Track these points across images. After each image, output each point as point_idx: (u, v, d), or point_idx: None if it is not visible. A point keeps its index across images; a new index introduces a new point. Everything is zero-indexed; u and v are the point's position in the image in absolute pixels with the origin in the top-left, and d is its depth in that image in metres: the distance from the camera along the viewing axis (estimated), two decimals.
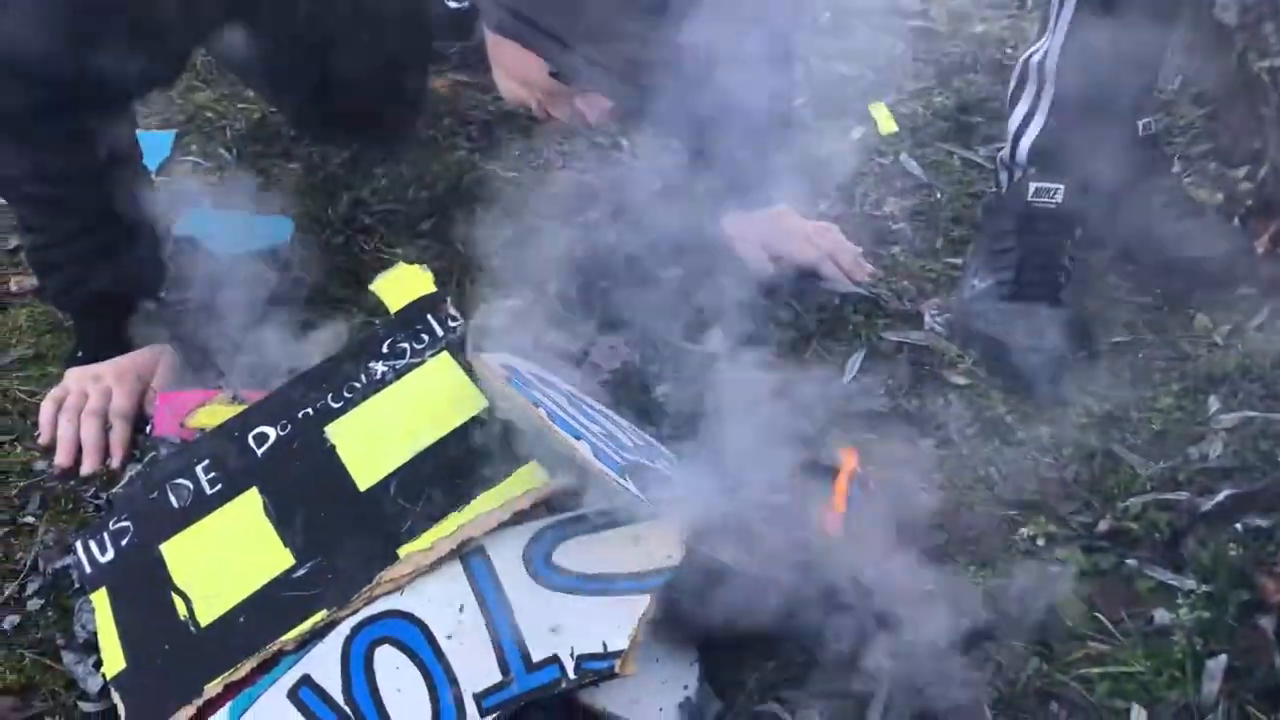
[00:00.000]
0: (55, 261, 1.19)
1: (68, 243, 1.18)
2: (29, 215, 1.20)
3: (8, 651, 0.98)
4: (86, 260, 1.19)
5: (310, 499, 0.97)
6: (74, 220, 1.18)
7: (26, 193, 1.17)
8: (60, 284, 1.21)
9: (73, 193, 1.17)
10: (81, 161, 1.15)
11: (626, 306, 1.37)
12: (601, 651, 0.83)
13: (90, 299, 1.21)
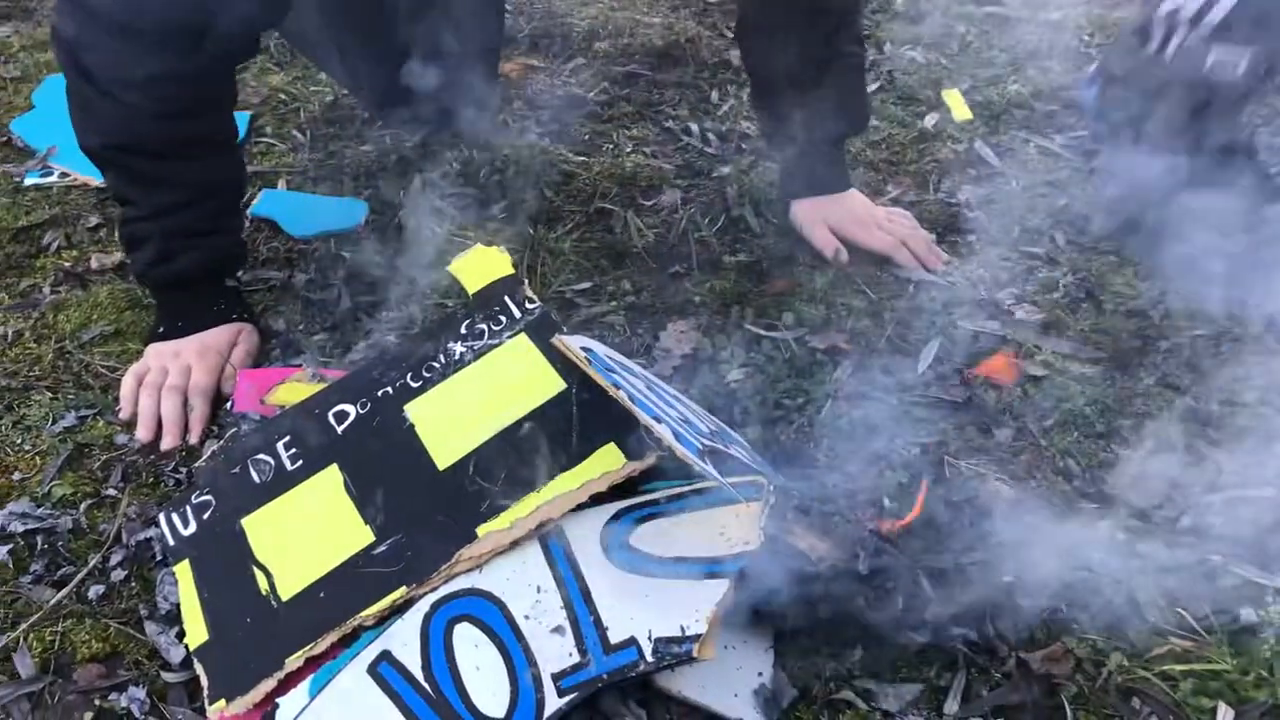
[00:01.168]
0: (146, 236, 1.21)
1: (161, 217, 1.19)
2: (126, 188, 1.20)
3: (93, 621, 0.99)
4: (178, 237, 1.21)
5: (390, 477, 0.98)
6: (170, 195, 1.19)
7: (126, 165, 1.18)
8: (150, 259, 1.22)
9: (173, 168, 1.18)
10: (185, 135, 1.17)
11: (696, 292, 1.37)
12: (679, 635, 0.83)
13: (178, 275, 1.23)
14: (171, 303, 1.26)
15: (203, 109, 1.20)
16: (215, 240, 1.24)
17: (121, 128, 1.15)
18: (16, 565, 1.04)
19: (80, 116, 1.16)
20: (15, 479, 1.14)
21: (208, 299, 1.26)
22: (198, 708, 0.92)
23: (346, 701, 0.84)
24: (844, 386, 1.20)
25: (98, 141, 1.16)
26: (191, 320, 1.25)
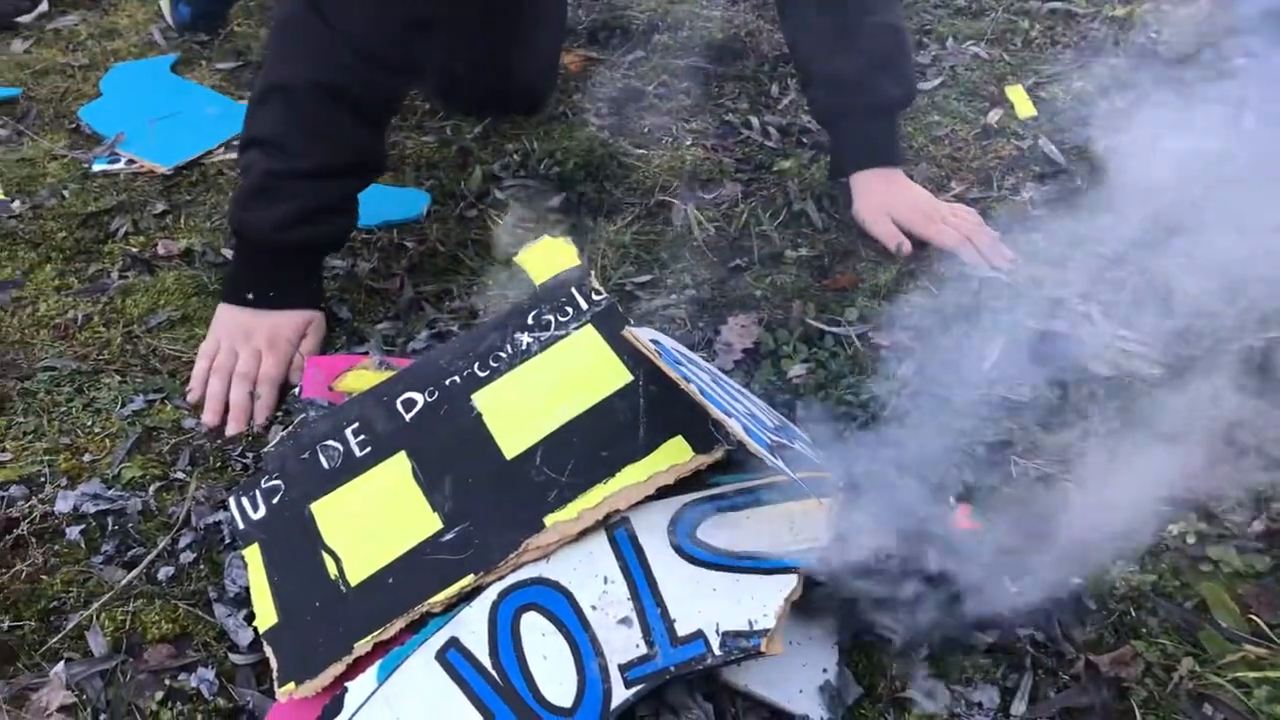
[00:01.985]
0: (287, 193, 1.21)
1: (310, 178, 1.21)
2: (286, 135, 1.20)
3: (163, 602, 1.01)
4: (316, 209, 1.22)
5: (457, 465, 0.98)
6: (330, 158, 1.21)
7: (314, 110, 1.19)
8: (278, 217, 1.21)
9: (348, 128, 1.21)
10: (378, 93, 1.22)
11: (757, 286, 1.36)
12: (747, 630, 0.83)
13: (295, 243, 1.24)
14: (268, 267, 1.26)
15: (402, 71, 1.24)
16: (342, 221, 1.27)
17: (337, 67, 1.17)
18: (88, 545, 1.06)
19: (294, 48, 1.20)
20: (86, 460, 1.16)
21: (304, 275, 1.28)
22: (266, 690, 0.93)
23: (415, 687, 0.84)
24: (908, 384, 1.19)
25: (307, 76, 1.18)
26: (279, 290, 1.25)
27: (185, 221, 1.55)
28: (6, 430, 1.20)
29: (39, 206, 1.58)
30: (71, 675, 0.94)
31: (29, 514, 1.08)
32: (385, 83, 1.22)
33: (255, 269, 1.28)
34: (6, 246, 1.50)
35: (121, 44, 2.06)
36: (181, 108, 1.81)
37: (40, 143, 1.75)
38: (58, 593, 1.02)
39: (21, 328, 1.35)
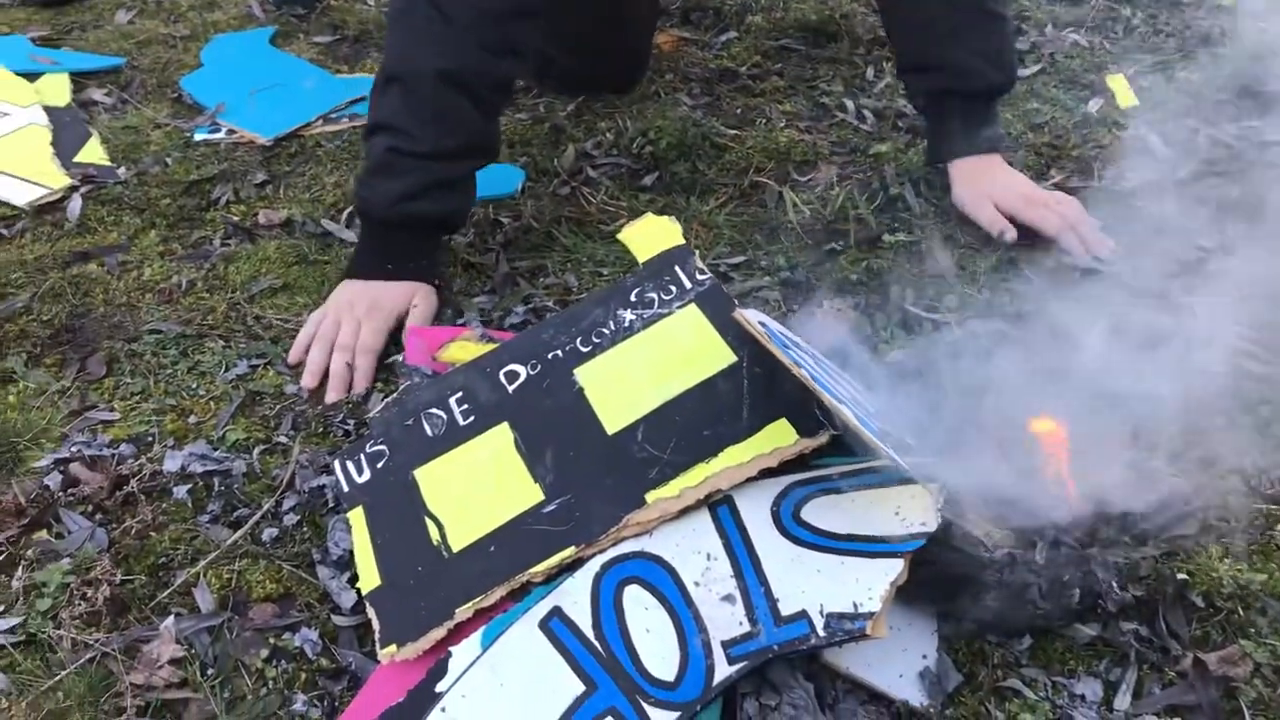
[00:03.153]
0: (406, 169, 1.23)
1: (429, 159, 1.23)
2: (408, 119, 1.23)
3: (267, 562, 1.03)
4: (434, 181, 1.25)
5: (559, 438, 0.99)
6: (449, 140, 1.24)
7: (433, 92, 1.22)
8: (398, 191, 1.24)
9: (468, 113, 1.24)
10: (497, 79, 1.25)
11: (854, 270, 1.35)
12: (852, 612, 0.83)
13: (418, 217, 1.26)
14: (386, 240, 1.29)
15: (512, 56, 1.26)
16: (460, 198, 1.29)
17: (454, 54, 1.21)
18: (195, 504, 1.09)
19: (412, 38, 1.23)
20: (191, 422, 1.18)
21: (418, 251, 1.30)
22: (367, 652, 0.94)
23: (518, 654, 0.85)
24: (1009, 373, 1.18)
25: (426, 65, 1.21)
26: (396, 263, 1.28)
27: (285, 192, 1.58)
28: (115, 390, 1.23)
29: (144, 173, 1.62)
30: (181, 629, 0.96)
31: (138, 472, 1.11)
32: (498, 69, 1.25)
33: (373, 243, 1.32)
34: (113, 212, 1.54)
35: (221, 16, 2.10)
36: (280, 80, 1.84)
37: (144, 111, 1.79)
38: (166, 549, 1.04)
39: (128, 291, 1.38)
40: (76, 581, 1.00)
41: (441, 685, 0.86)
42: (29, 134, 1.70)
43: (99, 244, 1.47)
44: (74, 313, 1.34)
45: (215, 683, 0.92)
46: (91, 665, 0.93)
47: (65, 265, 1.42)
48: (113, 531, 1.06)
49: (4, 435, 1.15)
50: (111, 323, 1.32)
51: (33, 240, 1.48)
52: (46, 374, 1.25)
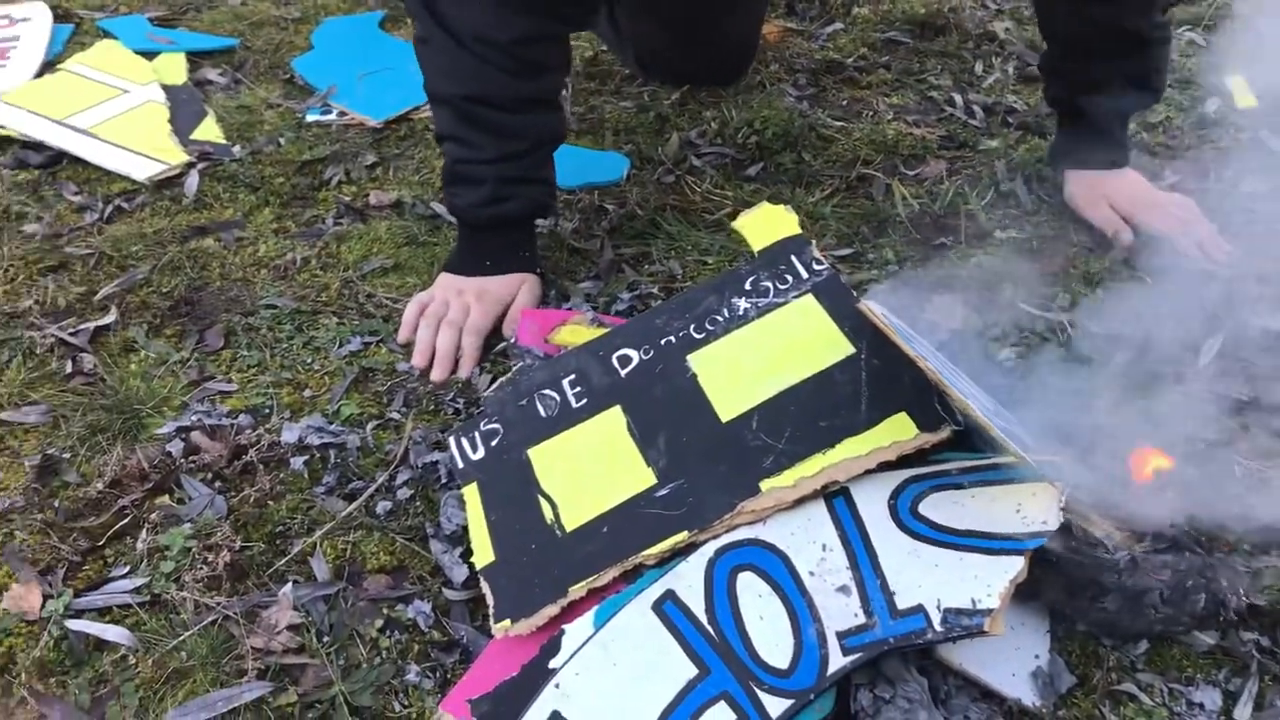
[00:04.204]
0: (479, 178, 1.25)
1: (500, 163, 1.24)
2: (468, 133, 1.24)
3: (381, 535, 1.05)
4: (512, 183, 1.26)
5: (672, 423, 0.99)
6: (511, 144, 1.24)
7: (475, 114, 1.23)
8: (477, 199, 1.26)
9: (515, 120, 1.23)
10: (530, 93, 1.23)
11: (965, 265, 1.34)
12: (970, 608, 0.82)
13: (503, 217, 1.27)
14: (481, 241, 1.30)
15: (548, 73, 1.25)
16: (539, 188, 1.29)
17: (477, 80, 1.20)
18: (311, 475, 1.11)
19: (433, 64, 1.23)
20: (306, 395, 1.21)
21: (514, 244, 1.31)
22: (479, 626, 0.96)
23: (631, 635, 0.86)
24: (1122, 374, 1.16)
25: (455, 91, 1.22)
26: (494, 260, 1.29)
27: (394, 174, 1.61)
28: (232, 362, 1.26)
29: (258, 152, 1.66)
30: (298, 597, 0.98)
31: (257, 442, 1.14)
32: (524, 88, 1.23)
33: (470, 242, 1.33)
34: (229, 189, 1.57)
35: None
36: (389, 64, 1.87)
37: (257, 91, 1.83)
38: (283, 518, 1.07)
39: (244, 266, 1.41)
40: (198, 546, 1.03)
41: (555, 662, 0.87)
42: (147, 111, 1.74)
43: (215, 219, 1.51)
44: (192, 285, 1.38)
45: (331, 650, 0.94)
46: (213, 627, 0.96)
47: (183, 239, 1.46)
48: (232, 499, 1.08)
49: (128, 402, 1.19)
50: (228, 296, 1.36)
51: (152, 214, 1.52)
52: (166, 344, 1.28)
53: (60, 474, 1.12)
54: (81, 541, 1.05)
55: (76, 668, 0.94)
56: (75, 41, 2.00)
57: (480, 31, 1.18)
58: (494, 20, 1.17)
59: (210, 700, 0.90)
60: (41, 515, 1.07)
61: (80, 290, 1.37)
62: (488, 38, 1.18)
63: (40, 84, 1.83)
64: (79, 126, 1.69)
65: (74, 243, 1.46)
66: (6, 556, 1.03)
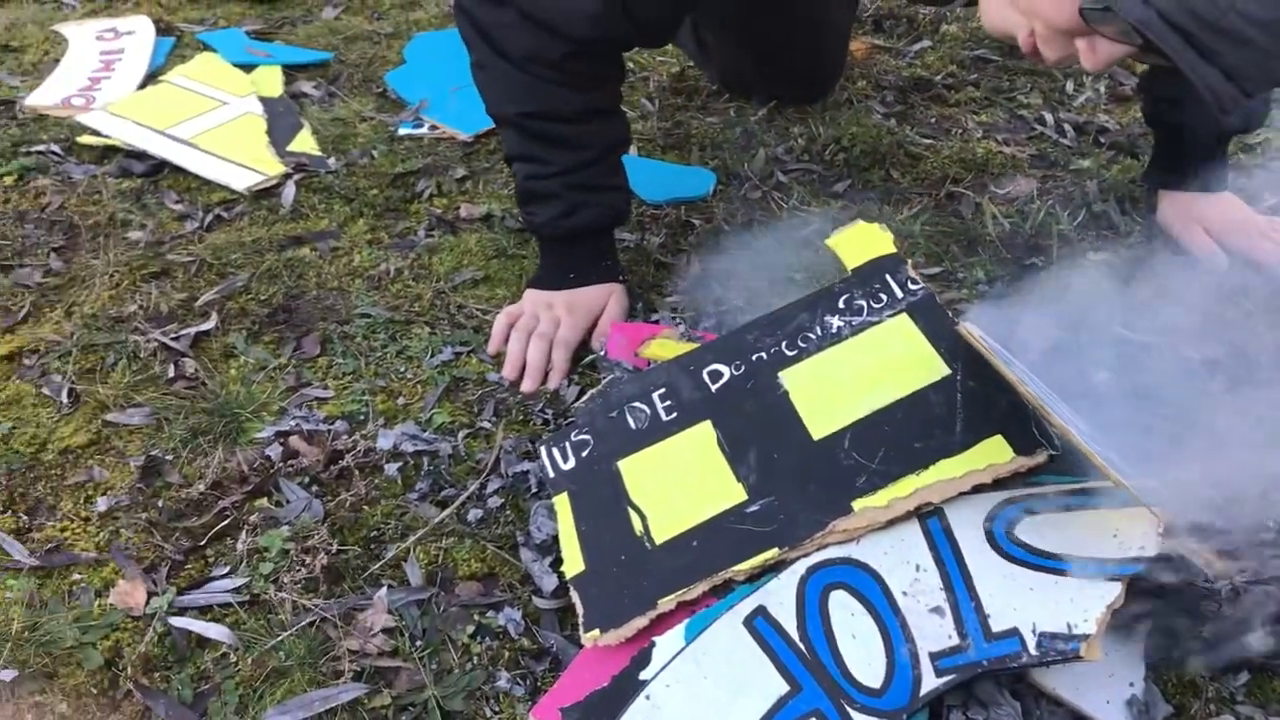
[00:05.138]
0: (551, 193, 1.27)
1: (567, 175, 1.26)
2: (532, 149, 1.27)
3: (472, 542, 1.07)
4: (582, 192, 1.27)
5: (763, 439, 1.00)
6: (576, 156, 1.26)
7: (536, 129, 1.25)
8: (553, 214, 1.28)
9: (577, 131, 1.25)
10: (589, 105, 1.24)
11: (1057, 285, 1.32)
12: (1065, 633, 0.82)
13: (578, 229, 1.29)
14: (562, 254, 1.32)
15: (605, 82, 1.27)
16: (611, 196, 1.30)
17: (535, 98, 1.22)
18: (404, 482, 1.13)
19: (492, 87, 1.25)
20: (399, 403, 1.23)
21: (596, 255, 1.32)
22: (568, 636, 0.97)
23: (722, 649, 0.87)
24: (1221, 400, 1.14)
25: (512, 110, 1.24)
26: (578, 273, 1.31)
27: (484, 187, 1.63)
28: (328, 369, 1.29)
29: (352, 164, 1.69)
30: (392, 601, 1.01)
31: (352, 448, 1.17)
32: (580, 101, 1.24)
33: (551, 257, 1.35)
34: (324, 200, 1.61)
35: (422, 14, 2.18)
36: None
37: (350, 104, 1.87)
38: (378, 523, 1.09)
39: (339, 276, 1.45)
40: (296, 548, 1.06)
41: (645, 673, 0.88)
42: (245, 122, 1.79)
43: (311, 229, 1.55)
44: (289, 294, 1.41)
45: (424, 654, 0.96)
46: (311, 628, 0.99)
47: (280, 248, 1.50)
48: (328, 503, 1.11)
49: (228, 406, 1.22)
50: (324, 305, 1.39)
51: (250, 223, 1.57)
52: (265, 350, 1.32)
53: (163, 475, 1.15)
54: (184, 541, 1.08)
55: (179, 663, 0.97)
56: (176, 54, 2.06)
57: (531, 52, 1.20)
58: (545, 41, 1.18)
59: (308, 700, 0.92)
60: (146, 514, 1.11)
61: (182, 296, 1.41)
62: (540, 57, 1.20)
63: (143, 95, 1.89)
64: (180, 137, 1.74)
65: (175, 250, 1.50)
66: (113, 553, 1.07)
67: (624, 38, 1.22)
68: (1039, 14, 0.90)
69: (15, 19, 2.22)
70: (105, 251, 1.50)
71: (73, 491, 1.14)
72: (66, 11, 2.28)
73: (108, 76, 1.94)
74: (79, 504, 1.13)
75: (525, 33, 1.18)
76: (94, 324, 1.36)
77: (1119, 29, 0.83)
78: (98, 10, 2.27)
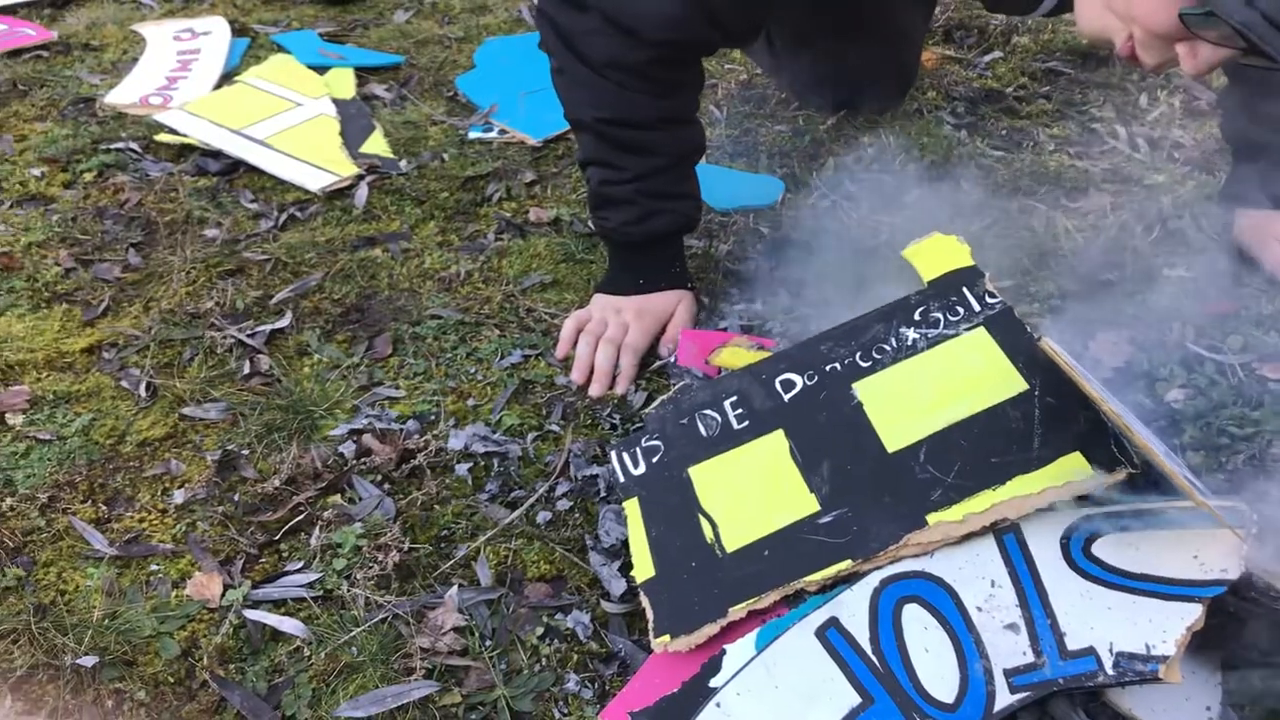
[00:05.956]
0: (624, 198, 1.28)
1: (642, 181, 1.27)
2: (608, 155, 1.28)
3: (541, 544, 1.08)
4: (656, 198, 1.28)
5: (836, 451, 1.00)
6: (651, 162, 1.27)
7: (613, 135, 1.26)
8: (625, 219, 1.29)
9: (654, 137, 1.26)
10: (666, 112, 1.25)
11: (1131, 302, 1.31)
12: (1144, 653, 0.81)
13: (650, 234, 1.30)
14: (632, 260, 1.33)
15: (683, 89, 1.28)
16: (684, 203, 1.31)
17: (613, 103, 1.23)
18: (474, 482, 1.15)
19: (571, 91, 1.26)
20: (469, 404, 1.25)
21: (665, 261, 1.33)
22: (636, 640, 0.98)
23: (793, 659, 0.87)
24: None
25: (590, 115, 1.25)
26: (647, 278, 1.32)
27: (552, 191, 1.65)
28: (399, 369, 1.31)
29: (423, 167, 1.71)
30: (463, 600, 1.02)
31: (424, 447, 1.18)
32: (658, 108, 1.25)
33: (621, 262, 1.36)
34: (395, 201, 1.63)
35: (492, 19, 2.20)
36: (549, 84, 1.90)
37: (421, 107, 1.90)
38: (448, 522, 1.10)
39: (410, 277, 1.46)
40: (368, 545, 1.07)
41: (716, 680, 0.88)
42: (319, 124, 1.82)
43: (383, 230, 1.57)
44: (362, 293, 1.43)
45: (493, 654, 0.97)
46: (383, 625, 1.00)
47: (353, 249, 1.52)
48: (399, 501, 1.12)
49: (302, 403, 1.24)
50: (396, 305, 1.41)
51: (323, 223, 1.59)
52: (338, 349, 1.33)
53: (239, 469, 1.17)
54: (258, 535, 1.10)
55: (254, 656, 0.98)
56: (251, 55, 2.10)
57: (613, 58, 1.21)
58: (625, 48, 1.19)
59: (380, 695, 0.94)
60: (221, 508, 1.13)
61: (257, 294, 1.44)
62: (620, 63, 1.21)
63: (219, 95, 1.92)
64: (255, 137, 1.77)
65: (251, 248, 1.53)
66: (190, 545, 1.09)
67: (704, 40, 1.23)
68: (1138, 19, 0.89)
69: (95, 18, 2.27)
70: (182, 248, 1.53)
71: (150, 483, 1.17)
72: (145, 11, 2.33)
73: (184, 76, 1.98)
74: (156, 496, 1.15)
75: (607, 38, 1.19)
76: (171, 319, 1.39)
77: (1221, 33, 0.82)
78: (175, 10, 2.32)
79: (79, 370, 1.32)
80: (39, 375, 1.31)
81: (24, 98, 1.94)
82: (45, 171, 1.72)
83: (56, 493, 1.15)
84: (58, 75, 2.02)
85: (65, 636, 0.99)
